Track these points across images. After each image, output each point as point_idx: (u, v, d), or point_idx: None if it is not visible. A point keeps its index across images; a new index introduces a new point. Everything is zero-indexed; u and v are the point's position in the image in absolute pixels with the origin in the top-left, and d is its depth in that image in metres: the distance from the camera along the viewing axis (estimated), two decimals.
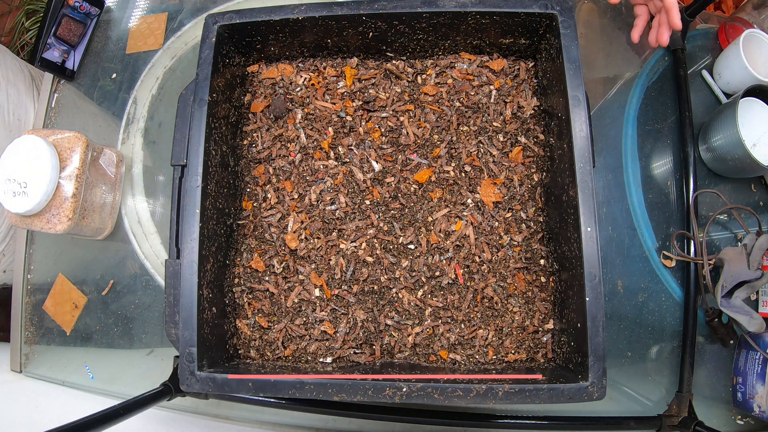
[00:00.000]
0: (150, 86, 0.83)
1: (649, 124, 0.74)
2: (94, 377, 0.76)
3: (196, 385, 0.49)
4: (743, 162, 0.66)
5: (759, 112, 0.71)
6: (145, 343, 0.75)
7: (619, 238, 0.70)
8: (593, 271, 0.48)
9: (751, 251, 0.66)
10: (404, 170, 0.60)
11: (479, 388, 0.46)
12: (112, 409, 0.52)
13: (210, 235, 0.54)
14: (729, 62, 0.73)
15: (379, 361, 0.57)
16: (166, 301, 0.53)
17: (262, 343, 0.59)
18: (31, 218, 0.69)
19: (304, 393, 0.47)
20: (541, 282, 0.58)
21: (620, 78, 0.77)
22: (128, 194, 0.79)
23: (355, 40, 0.59)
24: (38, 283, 0.81)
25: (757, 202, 0.73)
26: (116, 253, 0.78)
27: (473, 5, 0.54)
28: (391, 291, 0.58)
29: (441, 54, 0.62)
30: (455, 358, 0.57)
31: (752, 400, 0.65)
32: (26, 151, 0.67)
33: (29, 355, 0.80)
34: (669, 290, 0.69)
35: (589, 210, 0.49)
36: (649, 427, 0.64)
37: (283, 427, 0.71)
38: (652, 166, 0.73)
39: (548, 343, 0.57)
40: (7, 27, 1.58)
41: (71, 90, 0.86)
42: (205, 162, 0.53)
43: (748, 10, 0.81)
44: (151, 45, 0.84)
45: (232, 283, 0.60)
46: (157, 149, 0.81)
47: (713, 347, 0.69)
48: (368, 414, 0.64)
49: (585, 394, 0.46)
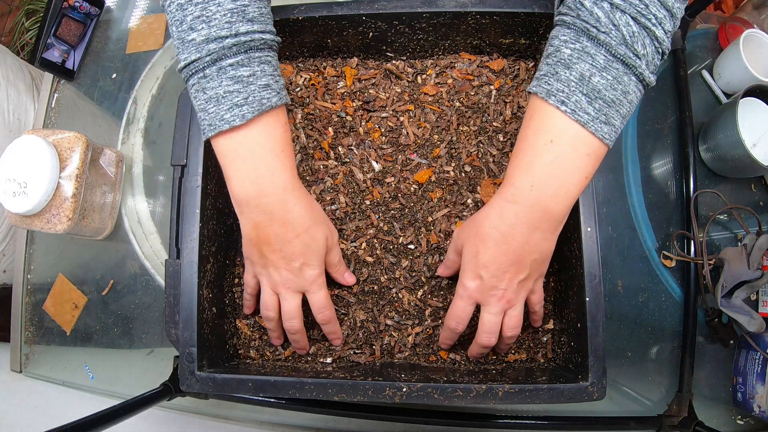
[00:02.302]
0: (150, 86, 0.83)
1: (649, 124, 0.74)
2: (94, 377, 0.76)
3: (196, 385, 0.49)
4: (743, 162, 0.66)
5: (759, 112, 0.71)
6: (145, 343, 0.75)
7: (619, 238, 0.70)
8: (593, 271, 0.48)
9: (751, 251, 0.66)
10: (404, 170, 0.60)
11: (479, 388, 0.46)
12: (112, 409, 0.52)
13: (210, 235, 0.54)
14: (729, 62, 0.73)
15: (379, 361, 0.57)
16: (166, 301, 0.53)
17: (262, 343, 0.59)
18: (31, 218, 0.69)
19: (304, 393, 0.47)
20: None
21: None
22: (128, 194, 0.79)
23: (355, 40, 0.59)
24: (38, 283, 0.81)
25: (757, 202, 0.73)
26: (116, 253, 0.78)
27: (473, 5, 0.54)
28: (391, 291, 0.58)
29: (441, 54, 0.62)
30: (455, 358, 0.57)
31: (752, 400, 0.65)
32: (26, 151, 0.67)
33: (29, 355, 0.80)
34: (669, 290, 0.69)
35: (589, 210, 0.49)
36: (649, 427, 0.64)
37: (283, 427, 0.71)
38: (652, 166, 0.73)
39: (548, 343, 0.57)
40: (7, 27, 1.58)
41: (71, 90, 0.86)
42: (205, 162, 0.53)
43: (748, 10, 0.81)
44: (151, 45, 0.84)
45: (232, 283, 0.60)
46: (157, 149, 0.81)
47: (713, 347, 0.69)
48: (368, 414, 0.64)
49: (585, 394, 0.47)
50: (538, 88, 0.43)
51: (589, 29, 0.40)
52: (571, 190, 0.43)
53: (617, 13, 0.39)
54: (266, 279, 0.51)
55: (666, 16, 0.40)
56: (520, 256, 0.45)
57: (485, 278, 0.46)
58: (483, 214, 0.47)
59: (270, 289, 0.52)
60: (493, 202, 0.47)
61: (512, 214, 0.44)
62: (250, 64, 0.43)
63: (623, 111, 0.42)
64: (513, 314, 0.49)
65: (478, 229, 0.47)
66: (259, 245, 0.49)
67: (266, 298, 0.52)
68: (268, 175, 0.46)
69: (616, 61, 0.40)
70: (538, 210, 0.43)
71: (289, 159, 0.47)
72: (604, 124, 0.41)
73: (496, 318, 0.48)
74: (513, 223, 0.44)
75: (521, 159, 0.44)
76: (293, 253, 0.49)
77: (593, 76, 0.40)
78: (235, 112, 0.43)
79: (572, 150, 0.42)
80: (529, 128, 0.44)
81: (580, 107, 0.41)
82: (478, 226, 0.47)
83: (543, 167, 0.43)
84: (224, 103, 0.43)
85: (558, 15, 0.43)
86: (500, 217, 0.45)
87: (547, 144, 0.42)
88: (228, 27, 0.42)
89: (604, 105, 0.41)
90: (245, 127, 0.44)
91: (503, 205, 0.45)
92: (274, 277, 0.50)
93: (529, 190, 0.43)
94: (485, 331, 0.49)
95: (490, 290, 0.47)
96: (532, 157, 0.43)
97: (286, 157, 0.47)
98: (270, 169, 0.46)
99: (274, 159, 0.46)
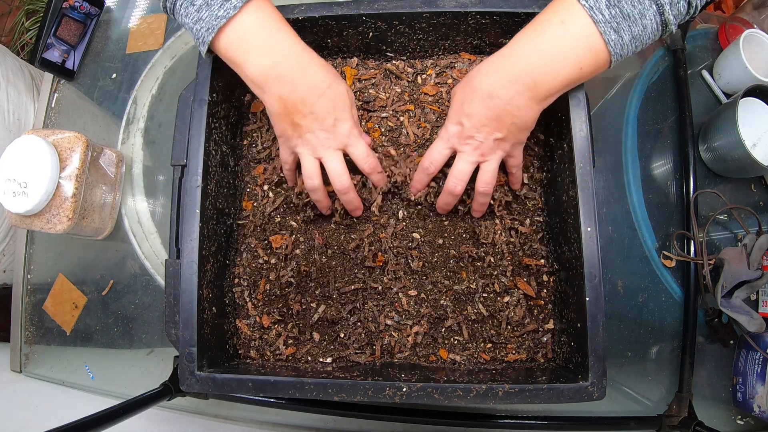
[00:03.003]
0: (150, 86, 0.83)
1: (649, 124, 0.74)
2: (94, 377, 0.76)
3: (196, 385, 0.49)
4: (743, 162, 0.66)
5: (759, 112, 0.71)
6: (145, 343, 0.75)
7: (619, 238, 0.70)
8: (593, 271, 0.48)
9: (751, 251, 0.66)
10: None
11: (479, 388, 0.46)
12: (112, 409, 0.52)
13: (210, 235, 0.54)
14: (729, 62, 0.73)
15: (379, 361, 0.57)
16: (166, 301, 0.53)
17: (262, 343, 0.59)
18: (31, 218, 0.69)
19: (304, 393, 0.47)
20: (541, 282, 0.58)
21: (620, 78, 0.77)
22: (128, 194, 0.79)
23: (355, 40, 0.59)
24: (38, 283, 0.81)
25: (757, 202, 0.73)
26: (116, 253, 0.78)
27: (473, 5, 0.54)
28: (391, 291, 0.58)
29: (441, 54, 0.62)
30: (455, 359, 0.57)
31: (752, 400, 0.65)
32: (26, 151, 0.67)
33: (29, 355, 0.80)
34: (669, 290, 0.69)
35: (589, 210, 0.49)
36: (649, 427, 0.64)
37: (283, 427, 0.71)
38: (652, 166, 0.73)
39: (548, 343, 0.57)
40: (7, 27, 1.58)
41: (71, 90, 0.86)
42: (205, 162, 0.53)
43: (748, 10, 0.81)
44: (151, 45, 0.84)
45: (232, 283, 0.60)
46: (157, 149, 0.81)
47: (713, 347, 0.69)
48: (368, 414, 0.64)
49: (585, 394, 0.47)
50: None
51: None
52: (561, 72, 0.46)
53: None
54: (305, 147, 0.52)
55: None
56: (500, 114, 0.48)
57: (466, 126, 0.49)
58: (477, 68, 0.50)
59: (311, 155, 0.53)
60: (491, 58, 0.49)
61: (502, 72, 0.47)
62: None
63: (635, 30, 0.44)
64: (487, 168, 0.51)
65: (470, 81, 0.49)
66: (289, 116, 0.50)
67: (308, 167, 0.53)
68: (278, 44, 0.48)
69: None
70: (527, 77, 0.46)
71: (290, 29, 0.50)
72: (614, 31, 0.44)
73: (468, 167, 0.51)
74: (500, 80, 0.47)
75: (531, 28, 0.47)
76: (323, 111, 0.50)
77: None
78: (227, 6, 0.46)
79: (577, 38, 0.44)
80: (548, 9, 0.47)
81: (598, 7, 0.43)
82: (470, 78, 0.50)
83: (546, 40, 0.45)
84: (213, 4, 0.46)
85: None
86: (491, 71, 0.48)
87: (557, 24, 0.45)
88: None
89: (619, 14, 0.43)
90: (240, 14, 0.47)
91: (498, 62, 0.48)
92: (312, 141, 0.52)
93: (526, 55, 0.46)
94: (454, 176, 0.52)
95: (467, 138, 0.50)
96: (540, 30, 0.46)
97: (287, 28, 0.50)
98: (277, 39, 0.48)
99: (278, 30, 0.49)
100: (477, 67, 0.50)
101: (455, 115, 0.50)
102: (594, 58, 0.45)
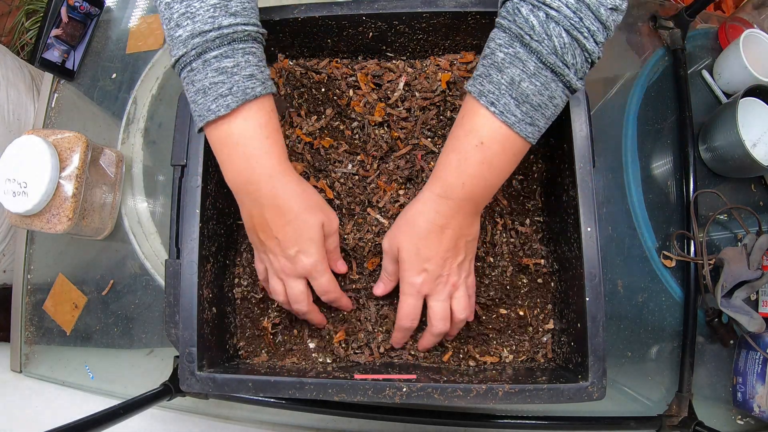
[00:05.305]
0: (150, 86, 0.83)
1: (649, 124, 0.74)
2: (94, 377, 0.76)
3: (196, 385, 0.49)
4: (743, 162, 0.66)
5: (759, 112, 0.71)
6: (145, 343, 0.75)
7: (619, 238, 0.70)
8: (593, 271, 0.48)
9: (751, 251, 0.66)
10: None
11: (479, 388, 0.46)
12: (112, 409, 0.52)
13: (210, 235, 0.54)
14: (729, 62, 0.73)
15: (379, 361, 0.57)
16: (166, 301, 0.53)
17: (263, 343, 0.59)
18: (31, 218, 0.69)
19: (304, 393, 0.47)
20: (540, 282, 0.58)
21: (620, 78, 0.77)
22: (128, 194, 0.79)
23: (355, 40, 0.59)
24: (38, 283, 0.81)
25: (757, 202, 0.74)
26: (116, 253, 0.78)
27: (473, 5, 0.54)
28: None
29: (441, 54, 0.62)
30: (455, 359, 0.57)
31: (752, 400, 0.65)
32: (26, 151, 0.67)
33: (29, 355, 0.80)
34: (669, 290, 0.69)
35: (589, 210, 0.49)
36: (649, 427, 0.64)
37: (283, 427, 0.71)
38: (652, 166, 0.73)
39: (548, 343, 0.57)
40: (7, 27, 1.58)
41: (71, 90, 0.86)
42: (205, 162, 0.53)
43: (748, 10, 0.81)
44: (151, 45, 0.84)
45: (232, 283, 0.60)
46: (157, 149, 0.81)
47: (713, 347, 0.69)
48: (368, 414, 0.64)
49: (585, 394, 0.46)
50: (473, 87, 0.45)
51: (523, 36, 0.41)
52: (496, 184, 0.48)
53: (551, 23, 0.40)
54: (269, 265, 0.53)
55: (599, 29, 0.41)
56: (456, 241, 0.48)
57: (430, 270, 0.49)
58: (414, 212, 0.49)
59: (274, 275, 0.52)
60: (424, 198, 0.49)
61: (446, 208, 0.47)
62: (233, 55, 0.44)
63: (548, 113, 0.44)
64: (459, 296, 0.51)
65: (413, 228, 0.49)
66: (256, 231, 0.50)
67: (273, 285, 0.53)
68: (254, 161, 0.47)
69: (546, 69, 0.42)
70: (469, 203, 0.47)
71: (275, 145, 0.48)
72: (530, 126, 0.44)
73: (445, 304, 0.51)
74: (448, 215, 0.47)
75: (453, 158, 0.46)
76: (287, 239, 0.49)
77: (523, 81, 0.42)
78: (220, 102, 0.44)
79: (501, 151, 0.45)
80: (462, 128, 0.46)
81: (508, 109, 0.43)
82: (412, 225, 0.49)
83: (473, 167, 0.45)
84: (210, 94, 0.44)
85: (497, 17, 0.45)
86: (436, 212, 0.47)
87: (477, 146, 0.45)
88: (211, 21, 0.43)
89: (531, 108, 0.43)
90: (231, 117, 0.45)
91: (437, 201, 0.47)
92: (274, 264, 0.51)
93: (461, 187, 0.46)
94: (439, 319, 0.51)
95: (436, 279, 0.49)
96: (463, 158, 0.46)
97: (272, 144, 0.47)
98: (256, 155, 0.47)
99: (260, 146, 0.47)
100: (413, 211, 0.49)
101: (415, 266, 0.49)
102: (520, 155, 0.46)
